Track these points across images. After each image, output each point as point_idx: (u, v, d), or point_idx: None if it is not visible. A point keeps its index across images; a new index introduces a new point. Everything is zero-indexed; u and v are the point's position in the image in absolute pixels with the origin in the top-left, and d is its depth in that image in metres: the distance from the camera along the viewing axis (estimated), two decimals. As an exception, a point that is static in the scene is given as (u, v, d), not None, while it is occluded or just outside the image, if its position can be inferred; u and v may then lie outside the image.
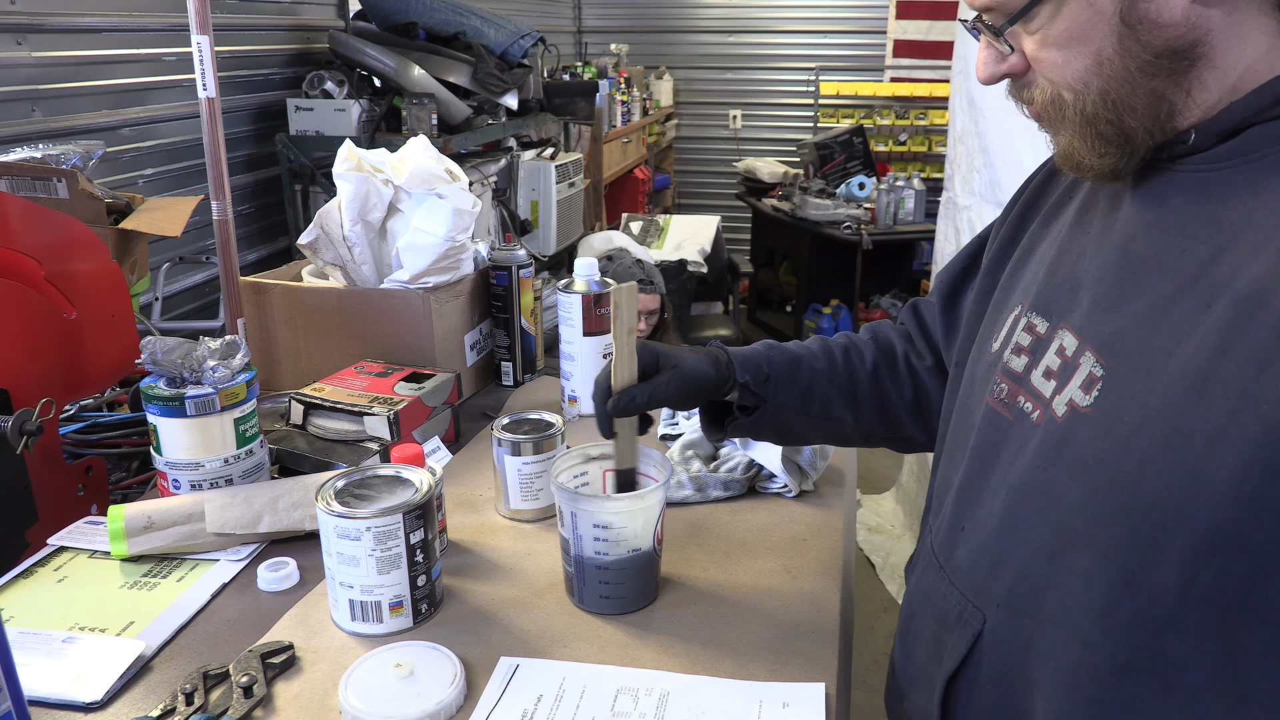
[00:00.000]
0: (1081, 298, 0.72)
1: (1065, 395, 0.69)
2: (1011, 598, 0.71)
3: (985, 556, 0.74)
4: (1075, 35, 0.65)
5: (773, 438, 1.01)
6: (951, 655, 0.75)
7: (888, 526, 3.32)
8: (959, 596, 0.76)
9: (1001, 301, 0.84)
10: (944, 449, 0.87)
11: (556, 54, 4.11)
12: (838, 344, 1.00)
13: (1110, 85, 0.65)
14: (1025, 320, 0.77)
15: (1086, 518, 0.66)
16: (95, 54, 2.16)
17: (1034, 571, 0.70)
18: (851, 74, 5.82)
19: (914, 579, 0.86)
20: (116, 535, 0.97)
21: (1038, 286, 0.78)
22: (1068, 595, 0.67)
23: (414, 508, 0.85)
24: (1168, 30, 0.63)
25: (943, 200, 3.11)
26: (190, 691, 0.77)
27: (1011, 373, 0.76)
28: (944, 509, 0.82)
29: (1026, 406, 0.73)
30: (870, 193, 4.85)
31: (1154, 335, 0.64)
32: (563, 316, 1.33)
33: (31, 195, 1.29)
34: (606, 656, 0.84)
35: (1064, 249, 0.77)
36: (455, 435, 1.32)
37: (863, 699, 2.40)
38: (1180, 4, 0.62)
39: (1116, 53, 0.64)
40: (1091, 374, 0.67)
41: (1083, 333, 0.70)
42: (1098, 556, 0.65)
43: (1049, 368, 0.72)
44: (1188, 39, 0.63)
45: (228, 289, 1.50)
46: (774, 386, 0.94)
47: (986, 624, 0.73)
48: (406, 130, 2.71)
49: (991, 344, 0.81)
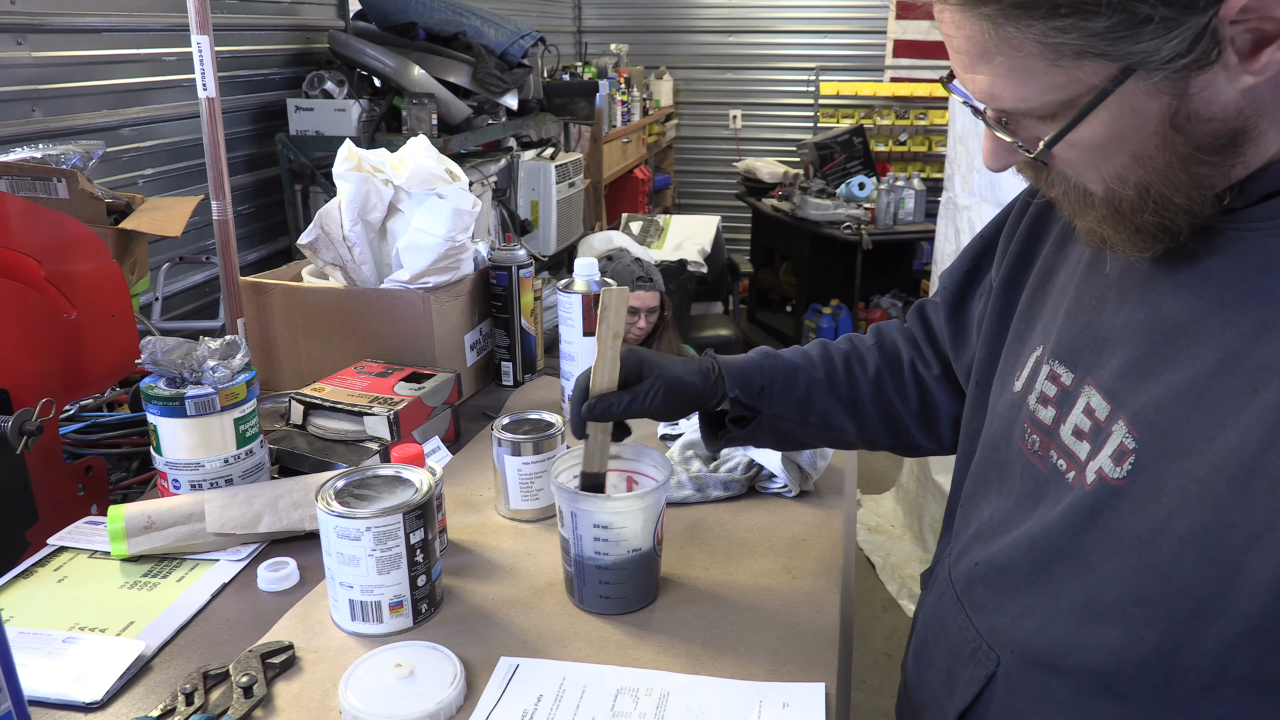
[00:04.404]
0: (1109, 356, 0.68)
1: (1096, 463, 0.66)
2: (1029, 649, 0.70)
3: (1007, 603, 0.73)
4: (1114, 139, 0.58)
5: (774, 444, 1.00)
6: (964, 692, 0.74)
7: (888, 526, 3.32)
8: (974, 634, 0.75)
9: (1022, 333, 0.80)
10: (969, 477, 0.84)
11: (556, 54, 4.10)
12: (839, 351, 0.98)
13: (1151, 179, 0.59)
14: (1048, 368, 0.74)
15: (1119, 591, 0.64)
16: (95, 54, 2.16)
17: (1058, 630, 0.68)
18: (851, 74, 5.82)
19: (929, 603, 0.84)
20: (116, 535, 0.97)
21: (1058, 331, 0.74)
22: (1092, 661, 0.65)
23: (414, 508, 0.85)
24: (1218, 124, 0.56)
25: (943, 200, 3.11)
26: (190, 691, 0.77)
27: (1041, 425, 0.73)
28: (966, 540, 0.80)
29: (1060, 465, 0.70)
30: (870, 193, 4.85)
31: (1193, 415, 0.60)
32: (563, 316, 1.33)
33: (31, 195, 1.29)
34: (606, 656, 0.84)
35: (1081, 290, 0.73)
36: (455, 435, 1.32)
37: (863, 699, 2.40)
38: (1233, 98, 0.55)
39: (1159, 150, 0.58)
40: (1123, 445, 0.64)
41: (1113, 397, 0.66)
42: (1129, 631, 0.63)
43: (1078, 427, 0.69)
44: (1235, 129, 0.57)
45: (228, 289, 1.50)
46: (769, 398, 0.93)
47: (1000, 667, 0.72)
48: (406, 130, 2.71)
49: (1014, 382, 0.78)
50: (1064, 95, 0.57)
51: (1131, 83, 0.55)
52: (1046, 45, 0.55)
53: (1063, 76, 0.56)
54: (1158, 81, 0.55)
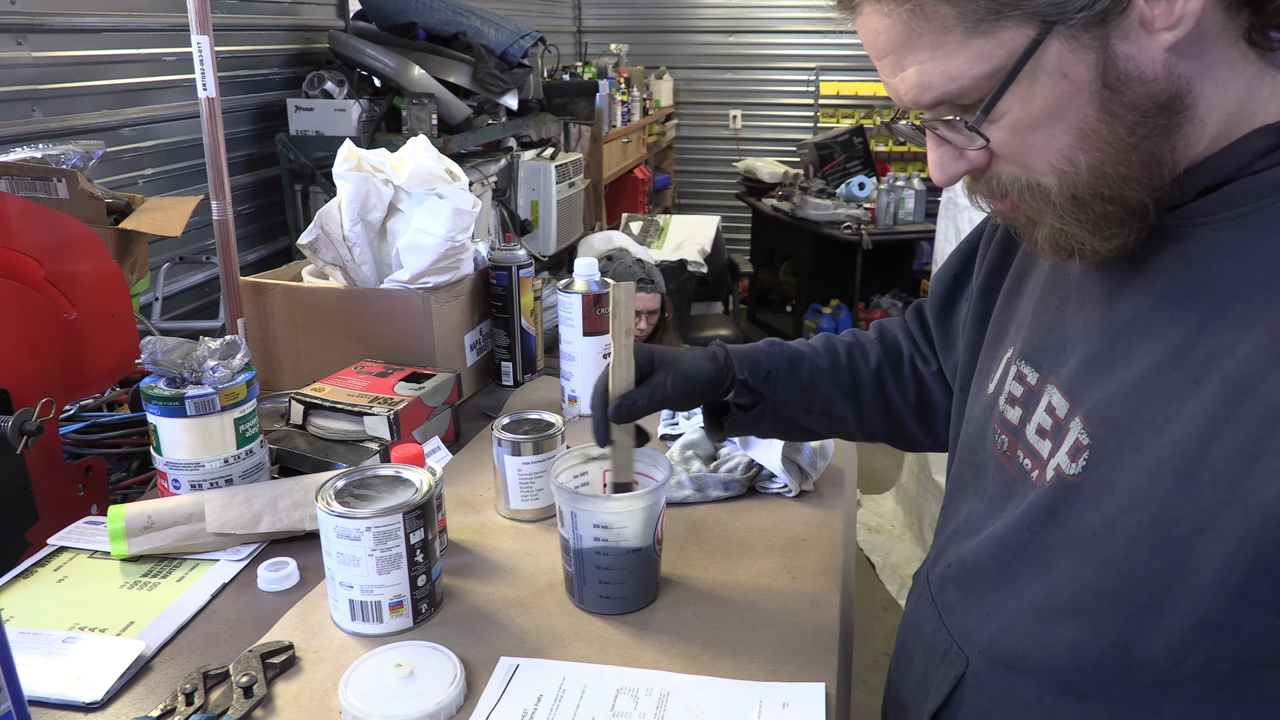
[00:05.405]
0: (1069, 355, 0.69)
1: (1055, 460, 0.67)
2: (993, 649, 0.71)
3: (971, 600, 0.74)
4: (1052, 112, 0.59)
5: (776, 433, 1.00)
6: (936, 693, 0.75)
7: (888, 526, 3.32)
8: (945, 635, 0.76)
9: (997, 336, 0.81)
10: (949, 479, 0.86)
11: (556, 54, 4.10)
12: (842, 342, 1.00)
13: (1101, 157, 0.59)
14: (1016, 369, 0.75)
15: (1076, 587, 0.65)
16: (95, 54, 2.16)
17: (1019, 629, 0.69)
18: (851, 74, 5.82)
19: (909, 605, 0.85)
20: (116, 535, 0.97)
21: (1025, 333, 0.75)
22: (1053, 660, 0.66)
23: (414, 508, 0.85)
24: (1151, 85, 0.57)
25: (943, 200, 3.11)
26: (190, 691, 0.77)
27: (1009, 425, 0.74)
28: (943, 542, 0.81)
29: (1026, 464, 0.71)
30: (870, 193, 4.85)
31: (1142, 409, 0.61)
32: (563, 316, 1.33)
33: (31, 195, 1.29)
34: (606, 656, 0.84)
35: (1047, 291, 0.75)
36: (455, 435, 1.32)
37: (863, 699, 2.40)
38: (1158, 55, 0.57)
39: (1101, 120, 0.58)
40: (1079, 441, 0.65)
41: (1072, 395, 0.67)
42: (1086, 627, 0.64)
43: (1041, 426, 0.70)
44: (1170, 91, 0.58)
45: (228, 289, 1.50)
46: (774, 383, 0.94)
47: (969, 667, 0.72)
48: (406, 130, 2.71)
49: (987, 385, 0.80)
50: (990, 65, 0.58)
51: (1055, 43, 0.56)
52: (962, 12, 0.57)
53: (986, 44, 0.57)
54: (1081, 40, 0.56)
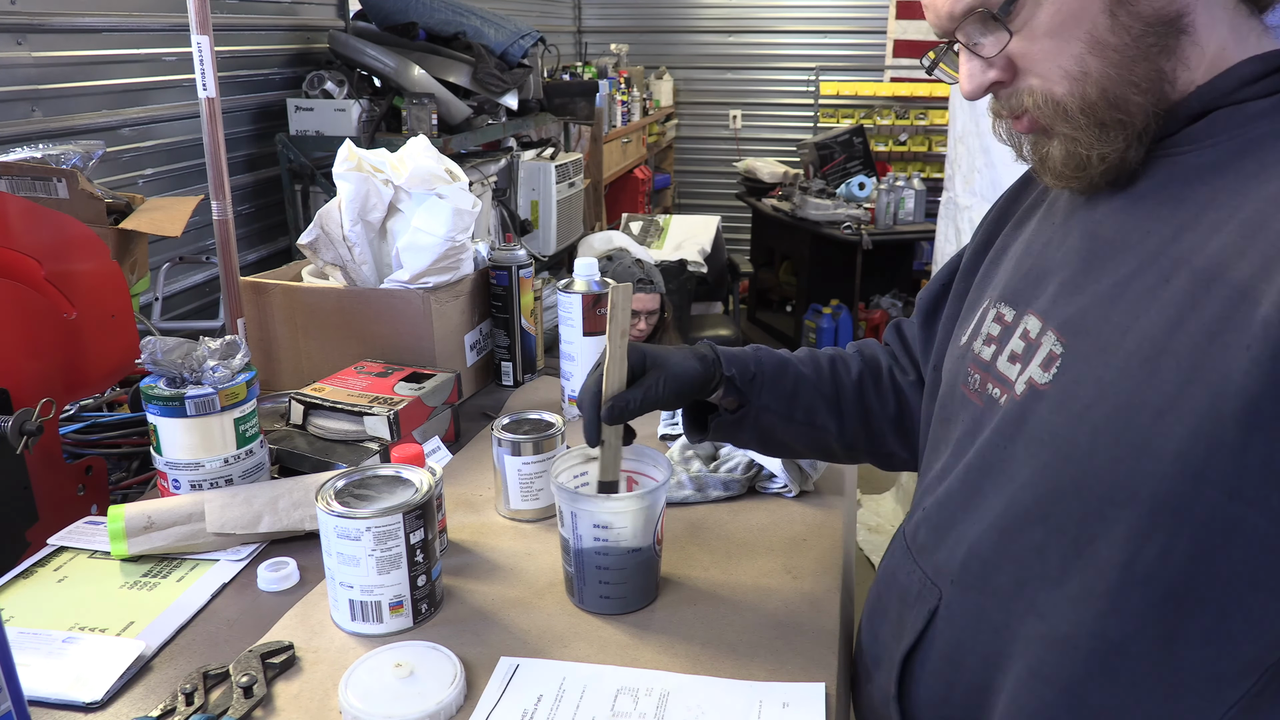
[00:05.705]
0: (1048, 284, 0.72)
1: (1026, 374, 0.70)
2: (963, 574, 0.72)
3: (943, 534, 0.75)
4: (1065, 20, 0.65)
5: (755, 443, 0.99)
6: (910, 632, 0.76)
7: (888, 526, 3.32)
8: (920, 574, 0.77)
9: (974, 300, 0.84)
10: (926, 448, 0.88)
11: (556, 54, 4.10)
12: (824, 354, 1.01)
13: (1110, 65, 0.65)
14: (995, 311, 0.78)
15: (1038, 492, 0.67)
16: (95, 54, 2.16)
17: (985, 546, 0.71)
18: (851, 74, 5.82)
19: (884, 562, 0.87)
20: (116, 535, 0.97)
21: (1006, 279, 0.79)
22: (1021, 569, 0.68)
23: (414, 508, 0.85)
24: (1157, 2, 0.64)
25: (943, 200, 3.11)
26: (190, 691, 0.77)
27: (981, 361, 0.77)
28: (917, 499, 0.83)
29: (995, 392, 0.74)
30: (870, 193, 4.85)
31: (1112, 312, 0.65)
32: (563, 316, 1.33)
33: (31, 195, 1.29)
34: (606, 656, 0.84)
35: (1031, 241, 0.78)
36: (455, 435, 1.32)
37: (863, 699, 2.40)
38: None
39: (1110, 30, 0.64)
40: (1051, 352, 0.68)
41: (1047, 315, 0.71)
42: (1050, 529, 0.66)
43: (1014, 351, 0.73)
44: (1173, 8, 0.64)
45: (228, 289, 1.50)
46: (759, 386, 0.94)
47: (942, 600, 0.74)
48: (406, 130, 2.71)
49: (962, 337, 0.82)
50: None
51: None
52: None
53: None
54: None
